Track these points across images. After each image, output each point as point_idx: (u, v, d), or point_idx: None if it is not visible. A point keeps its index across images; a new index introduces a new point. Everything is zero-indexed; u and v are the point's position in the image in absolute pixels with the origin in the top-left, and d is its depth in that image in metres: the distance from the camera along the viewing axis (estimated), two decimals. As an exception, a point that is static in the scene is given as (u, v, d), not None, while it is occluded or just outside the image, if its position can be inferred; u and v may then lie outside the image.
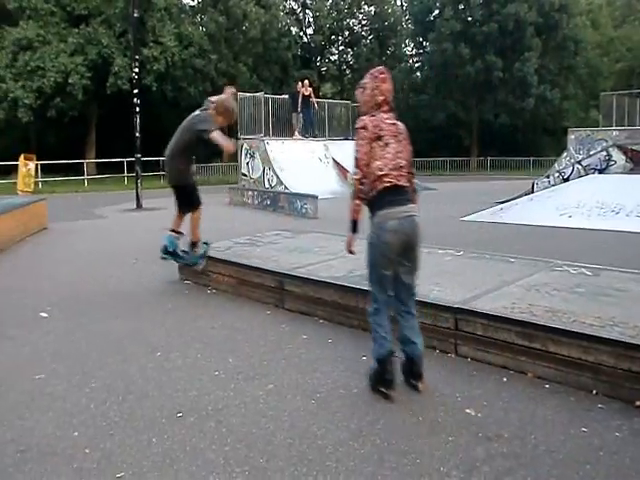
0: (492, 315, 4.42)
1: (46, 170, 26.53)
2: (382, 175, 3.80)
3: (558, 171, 16.98)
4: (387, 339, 3.85)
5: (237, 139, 22.87)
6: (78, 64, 29.70)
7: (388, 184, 3.80)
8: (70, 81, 29.33)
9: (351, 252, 4.13)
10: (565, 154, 19.27)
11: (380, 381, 3.91)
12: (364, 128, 3.85)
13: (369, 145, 3.82)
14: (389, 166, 3.81)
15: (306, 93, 22.70)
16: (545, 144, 42.66)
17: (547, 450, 3.18)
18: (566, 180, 15.76)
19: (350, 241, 4.08)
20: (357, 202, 3.90)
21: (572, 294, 4.96)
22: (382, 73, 4.00)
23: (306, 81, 23.74)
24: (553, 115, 42.90)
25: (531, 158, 35.51)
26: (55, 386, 4.20)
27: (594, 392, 3.80)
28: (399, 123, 3.99)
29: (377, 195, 3.83)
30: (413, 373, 3.98)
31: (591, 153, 16.89)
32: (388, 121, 3.91)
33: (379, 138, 3.83)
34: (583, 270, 5.88)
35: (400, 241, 3.79)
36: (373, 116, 3.88)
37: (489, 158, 37.22)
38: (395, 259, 3.86)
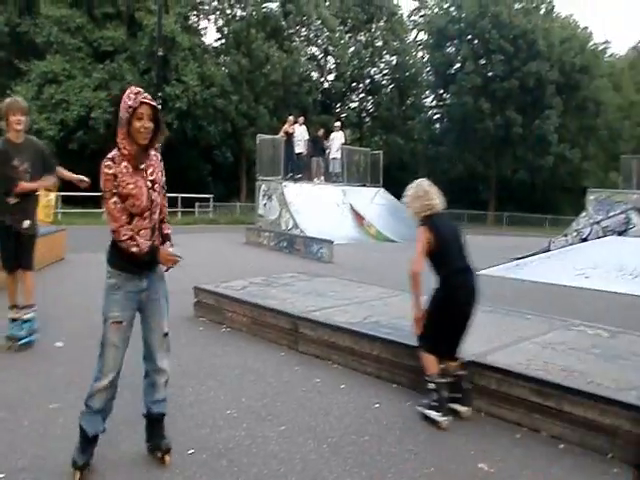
0: (507, 370, 4.40)
1: (66, 201, 26.75)
2: None
3: (576, 230, 16.96)
4: None
5: (255, 180, 23.07)
6: (101, 99, 30.25)
7: None
8: (93, 115, 29.85)
9: None
10: (584, 214, 19.21)
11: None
12: None
13: None
14: None
15: (290, 131, 21.79)
16: (563, 203, 42.67)
17: (560, 511, 3.14)
18: (584, 240, 15.72)
19: None
20: None
21: (588, 354, 4.94)
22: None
23: (290, 117, 22.66)
24: (572, 174, 43.02)
25: (548, 216, 35.50)
26: (68, 416, 4.19)
27: (609, 455, 3.76)
28: None
29: None
30: None
31: (610, 215, 16.85)
32: None
33: None
34: (600, 331, 5.85)
35: None
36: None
37: (506, 213, 37.23)
38: None
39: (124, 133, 3.28)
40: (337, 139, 23.10)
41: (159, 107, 3.34)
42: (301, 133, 22.09)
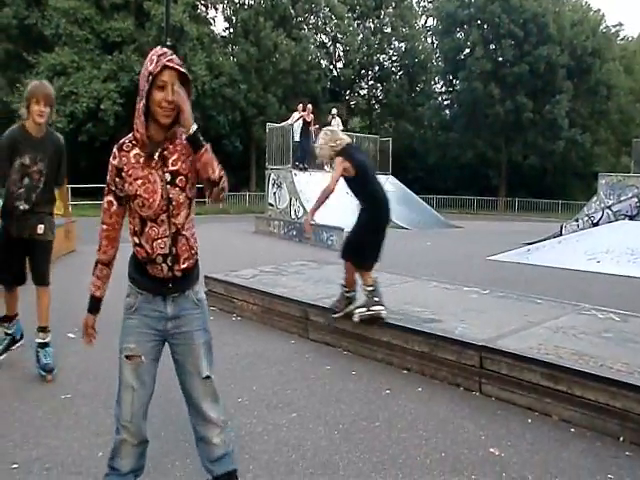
0: (518, 355, 4.39)
1: (76, 193, 26.82)
2: None
3: (587, 215, 16.88)
4: None
5: (265, 169, 23.04)
6: (110, 90, 30.19)
7: None
8: (102, 107, 29.82)
9: None
10: (595, 198, 19.13)
11: None
12: None
13: None
14: None
15: (308, 119, 21.62)
16: (574, 188, 42.34)
17: (572, 494, 3.14)
18: (595, 225, 15.64)
19: None
20: None
21: (600, 338, 4.92)
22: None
23: (309, 105, 22.24)
24: (584, 159, 42.62)
25: (560, 201, 35.27)
26: (80, 406, 4.24)
27: (621, 439, 3.75)
28: None
29: None
30: None
31: (622, 199, 16.76)
32: None
33: None
34: (611, 315, 5.83)
35: None
36: None
37: (517, 199, 37.03)
38: None
39: (141, 109, 2.42)
40: (336, 126, 22.97)
41: (189, 74, 2.52)
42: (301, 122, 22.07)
